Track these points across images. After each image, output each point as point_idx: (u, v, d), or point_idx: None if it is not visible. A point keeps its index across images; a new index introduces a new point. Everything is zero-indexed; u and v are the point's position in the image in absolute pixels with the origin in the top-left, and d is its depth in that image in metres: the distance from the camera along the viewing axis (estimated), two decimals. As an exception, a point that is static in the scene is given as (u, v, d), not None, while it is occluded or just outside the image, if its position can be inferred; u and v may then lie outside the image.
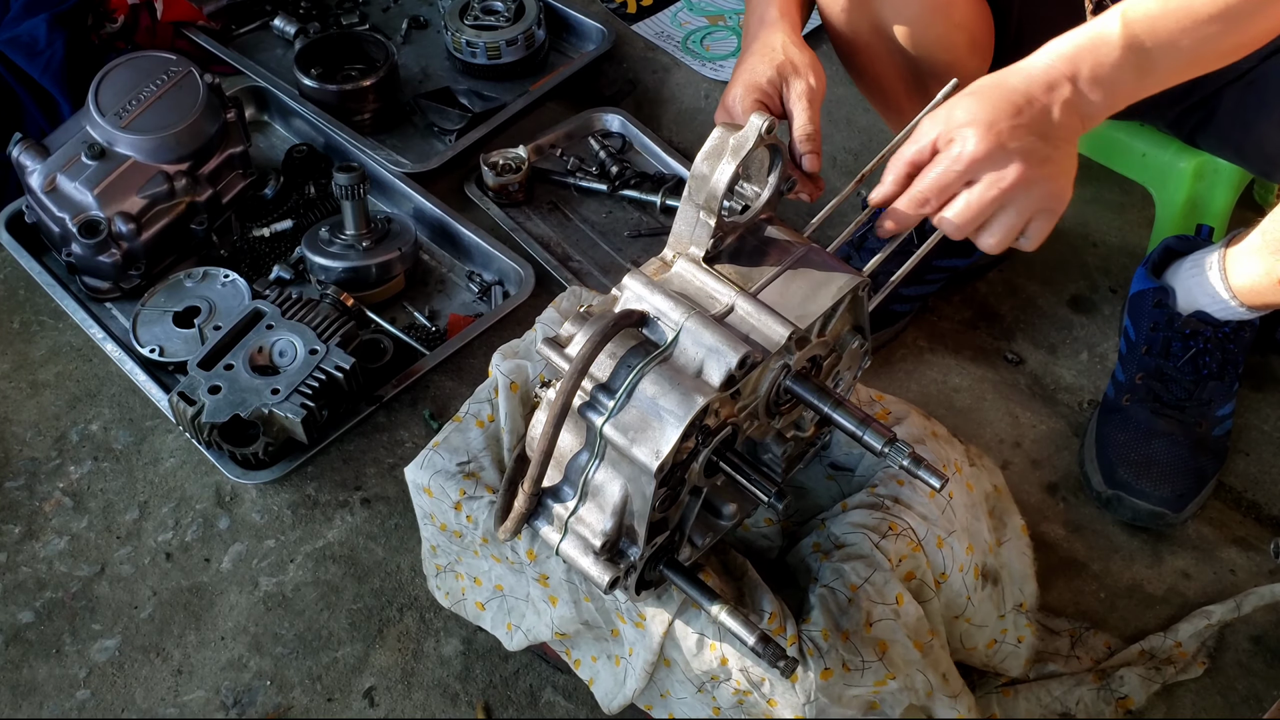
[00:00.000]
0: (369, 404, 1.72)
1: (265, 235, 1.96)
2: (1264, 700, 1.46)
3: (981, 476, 1.36)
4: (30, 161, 1.83)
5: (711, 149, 1.05)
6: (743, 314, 1.06)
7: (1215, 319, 1.62)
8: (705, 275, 1.09)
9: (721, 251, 1.11)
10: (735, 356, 1.00)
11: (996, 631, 1.36)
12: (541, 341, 1.05)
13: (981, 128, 1.06)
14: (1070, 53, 1.11)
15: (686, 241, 1.10)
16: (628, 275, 1.07)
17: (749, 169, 1.11)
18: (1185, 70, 1.17)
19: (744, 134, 1.04)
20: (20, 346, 1.87)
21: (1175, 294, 1.65)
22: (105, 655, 1.53)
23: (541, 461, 1.04)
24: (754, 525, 1.32)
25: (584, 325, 1.03)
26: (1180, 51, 1.14)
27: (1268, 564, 1.58)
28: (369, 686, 1.50)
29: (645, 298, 1.06)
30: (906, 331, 1.84)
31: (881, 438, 1.05)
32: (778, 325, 1.05)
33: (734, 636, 1.09)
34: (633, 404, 1.01)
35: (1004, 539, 1.39)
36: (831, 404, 1.07)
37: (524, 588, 1.29)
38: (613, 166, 2.07)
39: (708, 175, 1.05)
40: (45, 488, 1.69)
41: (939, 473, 1.04)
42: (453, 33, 2.24)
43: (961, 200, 1.09)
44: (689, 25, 2.35)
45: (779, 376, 1.08)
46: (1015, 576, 1.39)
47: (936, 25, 1.47)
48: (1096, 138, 1.85)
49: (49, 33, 2.07)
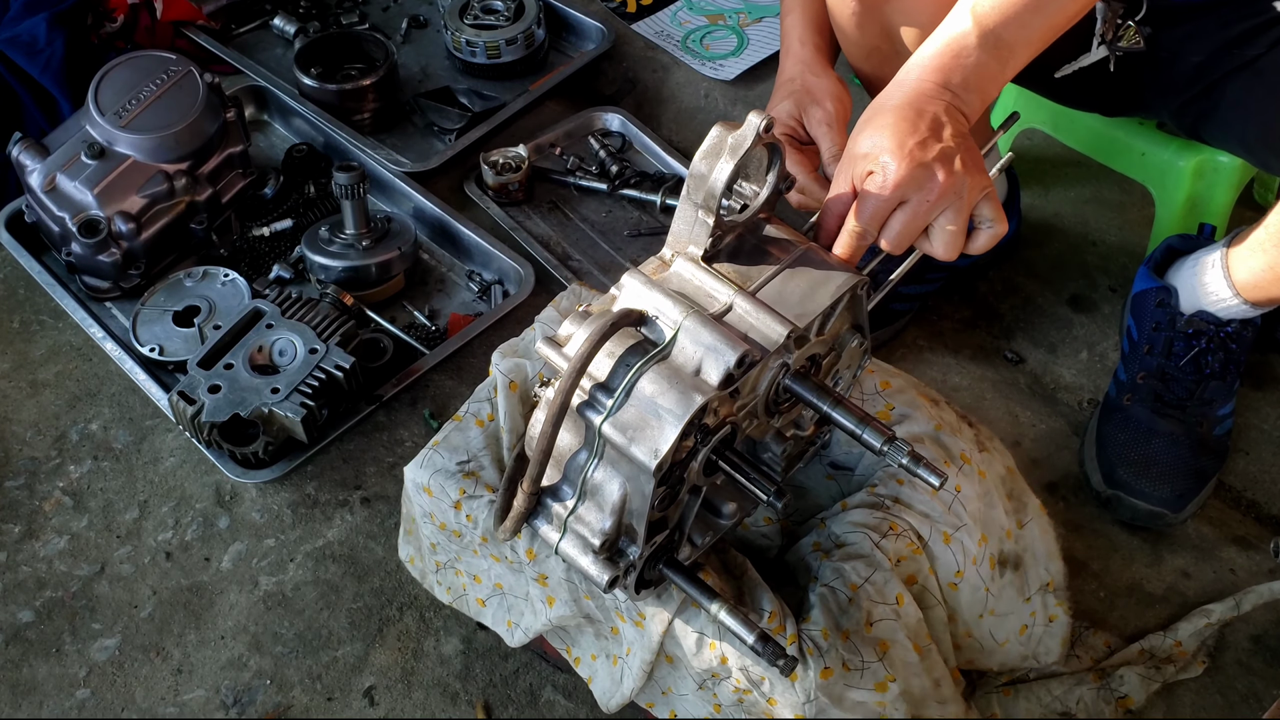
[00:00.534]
0: (369, 403, 1.72)
1: (265, 234, 1.96)
2: (1264, 699, 1.46)
3: (994, 461, 1.34)
4: (30, 161, 1.83)
5: (710, 148, 1.05)
6: (741, 313, 1.06)
7: (1218, 318, 1.61)
8: (704, 274, 1.08)
9: (720, 250, 1.11)
10: (734, 355, 1.00)
11: (1025, 616, 1.34)
12: (540, 341, 1.05)
13: (894, 152, 1.09)
14: (936, 63, 1.16)
15: (685, 240, 1.10)
16: (626, 274, 1.07)
17: (747, 168, 1.11)
18: (1042, 42, 1.21)
19: (742, 132, 1.04)
20: (20, 346, 1.87)
21: (1177, 293, 1.65)
22: (105, 654, 1.53)
23: (540, 460, 1.04)
24: (753, 524, 1.32)
25: (582, 324, 1.03)
26: (1032, 28, 1.18)
27: (1268, 563, 1.58)
28: (369, 686, 1.50)
29: (644, 296, 1.05)
30: (906, 330, 1.84)
31: (881, 436, 1.05)
32: (776, 324, 1.04)
33: (734, 635, 1.09)
34: (631, 403, 1.01)
35: (1025, 520, 1.37)
36: (831, 402, 1.07)
37: (523, 586, 1.29)
38: (612, 166, 2.07)
39: (706, 174, 1.05)
40: (45, 487, 1.69)
41: (938, 471, 1.04)
42: (452, 32, 2.24)
43: (896, 221, 1.11)
44: (689, 24, 2.35)
45: (778, 375, 1.08)
46: (1039, 557, 1.37)
47: None
48: (1096, 137, 1.86)
49: (49, 32, 2.07)
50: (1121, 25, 1.49)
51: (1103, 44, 1.49)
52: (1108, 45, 1.49)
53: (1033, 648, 1.38)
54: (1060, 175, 2.07)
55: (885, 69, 1.54)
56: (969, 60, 1.16)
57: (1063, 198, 2.05)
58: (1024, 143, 2.03)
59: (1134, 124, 1.80)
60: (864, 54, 1.53)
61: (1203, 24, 1.47)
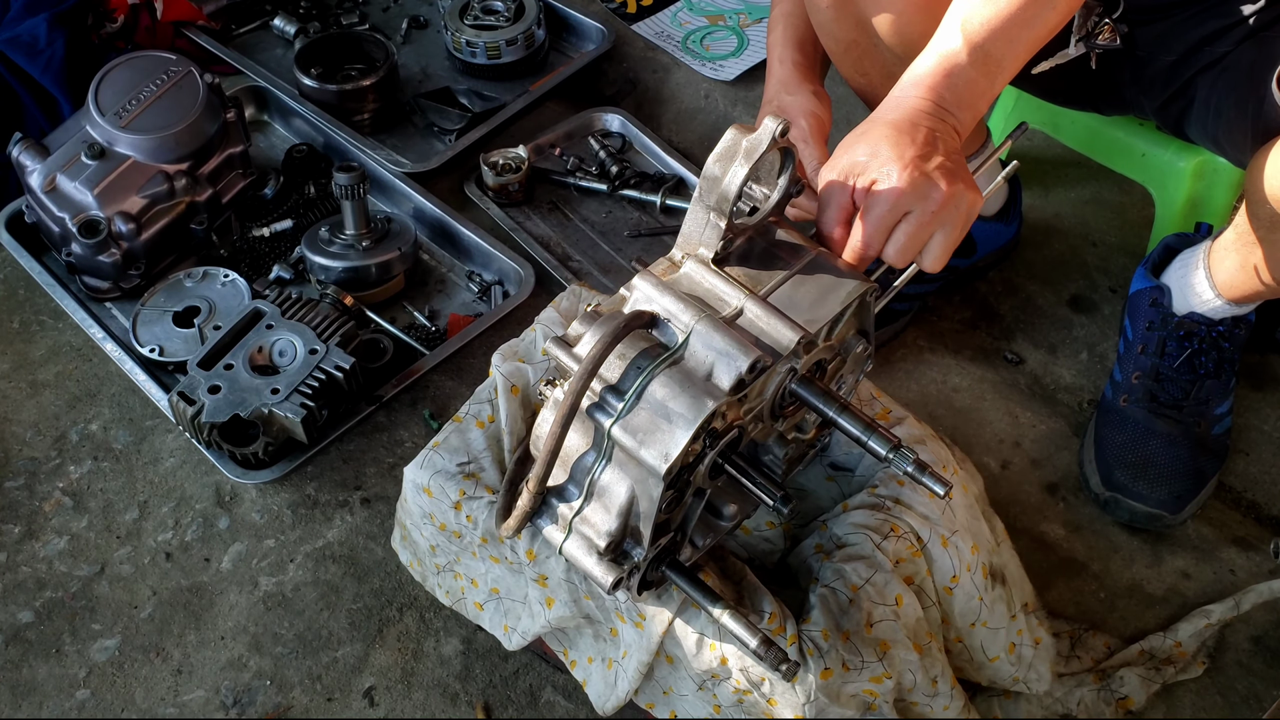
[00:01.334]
0: (369, 404, 1.72)
1: (265, 235, 1.96)
2: (1264, 700, 1.46)
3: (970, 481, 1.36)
4: (30, 161, 1.83)
5: (724, 151, 1.05)
6: (752, 317, 1.06)
7: (1209, 319, 1.62)
8: (714, 277, 1.08)
9: (730, 253, 1.11)
10: (746, 361, 1.00)
11: (1013, 634, 1.35)
12: (550, 340, 1.05)
13: (895, 162, 1.10)
14: (928, 80, 1.18)
15: (696, 242, 1.10)
16: (637, 275, 1.07)
17: (759, 171, 1.11)
18: (1027, 54, 1.23)
19: (757, 136, 1.04)
20: (20, 346, 1.87)
21: (1170, 293, 1.65)
22: (105, 655, 1.53)
23: (548, 460, 1.03)
24: (756, 529, 1.32)
25: (593, 325, 1.03)
26: (1019, 42, 1.21)
27: (1268, 564, 1.58)
28: (369, 686, 1.50)
29: (655, 299, 1.05)
30: (906, 331, 1.85)
31: (887, 443, 1.05)
32: (787, 329, 1.04)
33: (736, 639, 1.09)
34: (642, 406, 1.01)
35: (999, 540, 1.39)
36: (837, 408, 1.07)
37: (521, 589, 1.29)
38: (613, 166, 2.07)
39: (720, 177, 1.05)
40: (45, 487, 1.69)
41: (943, 479, 1.03)
42: (453, 32, 2.24)
43: (901, 233, 1.12)
44: (689, 25, 2.35)
45: (785, 380, 1.08)
46: (1014, 578, 1.39)
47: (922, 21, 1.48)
48: (1096, 137, 1.86)
49: (49, 32, 2.07)
50: (1098, 23, 1.50)
51: (1080, 40, 1.50)
52: (1085, 41, 1.50)
53: (1024, 671, 1.38)
54: (1060, 176, 2.07)
55: (865, 63, 1.54)
56: (960, 78, 1.18)
57: (1063, 198, 2.05)
58: (1024, 143, 2.03)
59: (1134, 124, 1.80)
60: (844, 49, 1.54)
61: (1176, 22, 1.48)
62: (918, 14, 1.43)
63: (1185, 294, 1.64)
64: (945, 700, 1.28)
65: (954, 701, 1.29)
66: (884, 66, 1.54)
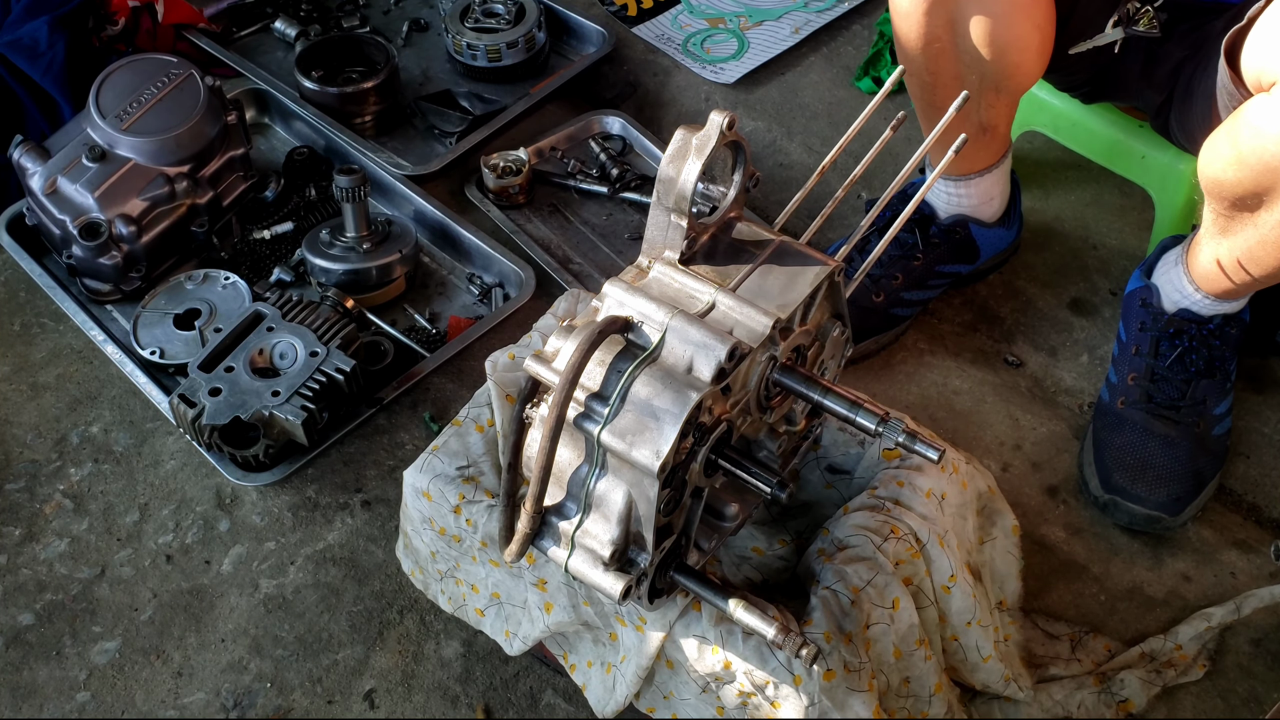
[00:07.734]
0: (369, 406, 1.72)
1: (266, 237, 1.96)
2: (1264, 703, 1.46)
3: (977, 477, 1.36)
4: (31, 164, 1.83)
5: (675, 151, 1.06)
6: (725, 309, 1.06)
7: (1199, 316, 1.62)
8: (683, 276, 1.09)
9: (696, 252, 1.11)
10: (724, 348, 1.01)
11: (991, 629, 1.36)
12: (528, 359, 1.05)
13: None
14: None
15: (660, 246, 1.11)
16: (607, 284, 1.07)
17: (713, 170, 1.11)
18: None
19: (705, 133, 1.05)
20: (21, 349, 1.87)
21: (1159, 292, 1.65)
22: (105, 657, 1.53)
23: (541, 479, 1.03)
24: (768, 549, 1.32)
25: (568, 337, 1.03)
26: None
27: (1268, 566, 1.58)
28: (369, 689, 1.50)
29: (627, 303, 1.06)
30: (906, 334, 1.85)
31: (875, 416, 1.06)
32: (760, 316, 1.05)
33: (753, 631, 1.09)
34: (627, 408, 1.01)
35: (988, 538, 1.40)
36: (821, 391, 1.08)
37: (521, 593, 1.29)
38: (613, 169, 2.08)
39: (674, 177, 1.05)
40: (46, 490, 1.69)
41: (935, 444, 1.05)
42: (453, 35, 2.24)
43: None
44: (689, 28, 2.35)
45: (767, 369, 1.08)
46: (996, 575, 1.40)
47: (1019, 24, 1.47)
48: (1097, 140, 1.86)
49: (50, 35, 2.07)
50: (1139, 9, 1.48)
51: (1118, 24, 1.48)
52: (1123, 26, 1.48)
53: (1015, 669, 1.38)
54: (1061, 179, 2.07)
55: (939, 62, 1.52)
56: None
57: (1063, 201, 2.05)
58: (1025, 146, 2.03)
59: (1134, 126, 1.80)
60: (922, 45, 1.52)
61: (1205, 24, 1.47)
62: (1014, 24, 1.41)
63: (1171, 292, 1.64)
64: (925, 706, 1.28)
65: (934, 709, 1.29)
66: (956, 69, 1.52)
